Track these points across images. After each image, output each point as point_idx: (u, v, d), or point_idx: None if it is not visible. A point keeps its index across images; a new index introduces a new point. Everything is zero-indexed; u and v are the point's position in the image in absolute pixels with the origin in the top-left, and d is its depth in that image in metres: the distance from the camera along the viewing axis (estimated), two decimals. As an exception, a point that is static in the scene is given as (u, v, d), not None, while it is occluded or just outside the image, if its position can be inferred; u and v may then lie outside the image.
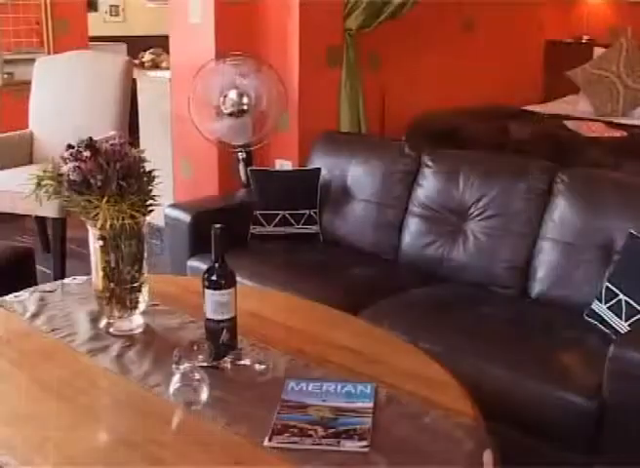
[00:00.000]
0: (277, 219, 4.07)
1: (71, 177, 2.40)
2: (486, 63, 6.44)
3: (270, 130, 4.56)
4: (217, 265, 2.36)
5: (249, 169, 4.34)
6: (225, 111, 4.47)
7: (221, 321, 2.37)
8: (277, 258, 3.87)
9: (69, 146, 2.46)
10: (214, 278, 2.35)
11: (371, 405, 2.16)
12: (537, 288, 3.46)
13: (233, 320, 2.39)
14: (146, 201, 2.48)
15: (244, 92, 4.44)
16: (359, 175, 4.09)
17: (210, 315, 2.38)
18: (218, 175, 4.86)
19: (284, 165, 4.76)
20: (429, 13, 5.56)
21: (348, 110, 4.93)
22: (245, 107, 4.46)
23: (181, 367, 2.23)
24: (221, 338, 2.37)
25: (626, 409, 2.64)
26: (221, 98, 4.45)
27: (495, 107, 6.10)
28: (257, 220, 4.08)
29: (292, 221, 4.08)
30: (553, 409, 2.77)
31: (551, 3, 7.23)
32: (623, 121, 6.03)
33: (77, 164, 2.40)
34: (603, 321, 3.08)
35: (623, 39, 6.36)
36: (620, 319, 3.00)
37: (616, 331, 2.98)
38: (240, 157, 4.58)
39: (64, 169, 2.43)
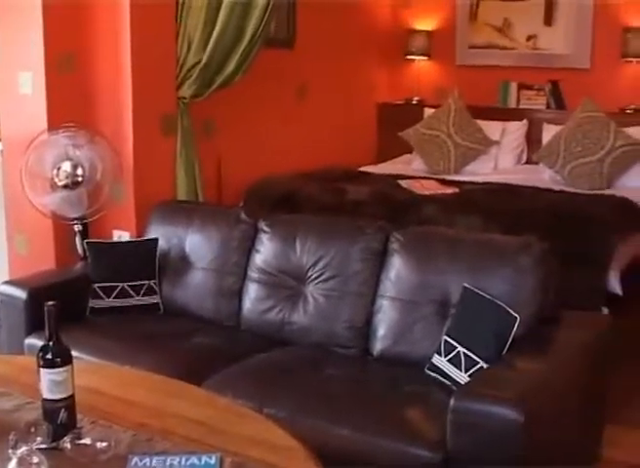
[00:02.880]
0: (116, 292, 4.00)
1: None
2: (321, 127, 6.56)
3: (106, 201, 4.50)
4: (51, 343, 2.31)
5: (85, 241, 4.27)
6: (60, 183, 4.38)
7: (59, 400, 2.32)
8: (116, 331, 3.78)
9: None
10: (48, 356, 2.30)
11: (216, 475, 2.14)
12: (378, 346, 3.50)
13: (71, 398, 2.34)
14: (-25, 281, 2.41)
15: (78, 163, 4.38)
16: (197, 244, 4.08)
17: (46, 395, 2.32)
18: (54, 248, 4.74)
19: (121, 236, 4.70)
20: (263, 80, 5.63)
21: (185, 178, 4.92)
22: (79, 179, 4.39)
23: (19, 451, 2.15)
24: (60, 418, 2.32)
25: (469, 458, 2.70)
26: (55, 170, 4.37)
27: (331, 170, 6.16)
28: (95, 294, 4.00)
29: (131, 293, 4.02)
30: (400, 464, 2.79)
31: (382, 67, 7.45)
32: (456, 178, 6.20)
33: None
34: (444, 374, 3.15)
35: (451, 100, 6.60)
36: (460, 370, 3.07)
37: (456, 383, 3.05)
38: (77, 229, 4.50)
39: None
